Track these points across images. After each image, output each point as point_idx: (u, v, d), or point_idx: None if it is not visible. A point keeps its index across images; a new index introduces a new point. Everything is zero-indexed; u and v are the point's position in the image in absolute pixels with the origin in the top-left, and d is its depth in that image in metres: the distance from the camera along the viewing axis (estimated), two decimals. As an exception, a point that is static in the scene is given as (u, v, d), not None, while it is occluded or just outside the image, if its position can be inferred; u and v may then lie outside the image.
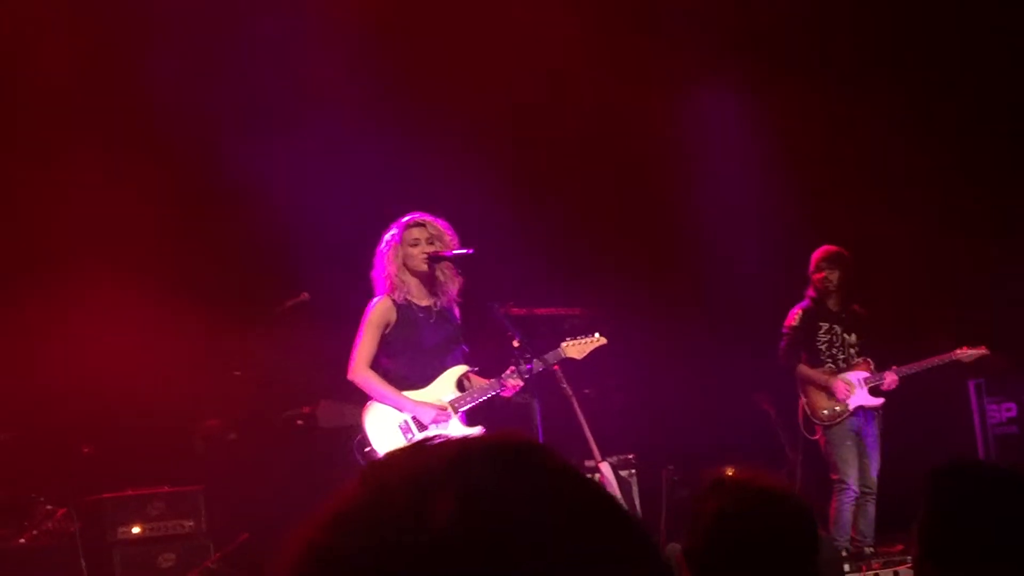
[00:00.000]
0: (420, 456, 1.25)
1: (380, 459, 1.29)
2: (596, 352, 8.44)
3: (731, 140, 12.93)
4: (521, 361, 7.90)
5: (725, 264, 12.62)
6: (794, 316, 10.47)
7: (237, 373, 10.63)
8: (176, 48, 11.09)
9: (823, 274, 10.34)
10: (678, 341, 12.64)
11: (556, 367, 8.57)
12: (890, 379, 10.30)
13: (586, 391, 10.52)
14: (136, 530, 9.63)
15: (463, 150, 11.90)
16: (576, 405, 9.57)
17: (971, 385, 11.97)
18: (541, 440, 7.87)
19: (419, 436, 7.75)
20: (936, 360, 10.43)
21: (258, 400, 10.60)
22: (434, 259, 7.93)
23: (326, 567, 1.21)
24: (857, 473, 10.19)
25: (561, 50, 11.96)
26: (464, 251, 7.95)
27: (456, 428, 7.95)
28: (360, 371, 7.92)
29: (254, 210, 11.23)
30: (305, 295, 9.92)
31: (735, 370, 11.93)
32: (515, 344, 7.99)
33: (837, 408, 10.25)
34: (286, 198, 11.02)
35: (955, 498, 3.21)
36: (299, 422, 10.40)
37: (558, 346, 8.26)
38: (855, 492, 10.13)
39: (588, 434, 9.80)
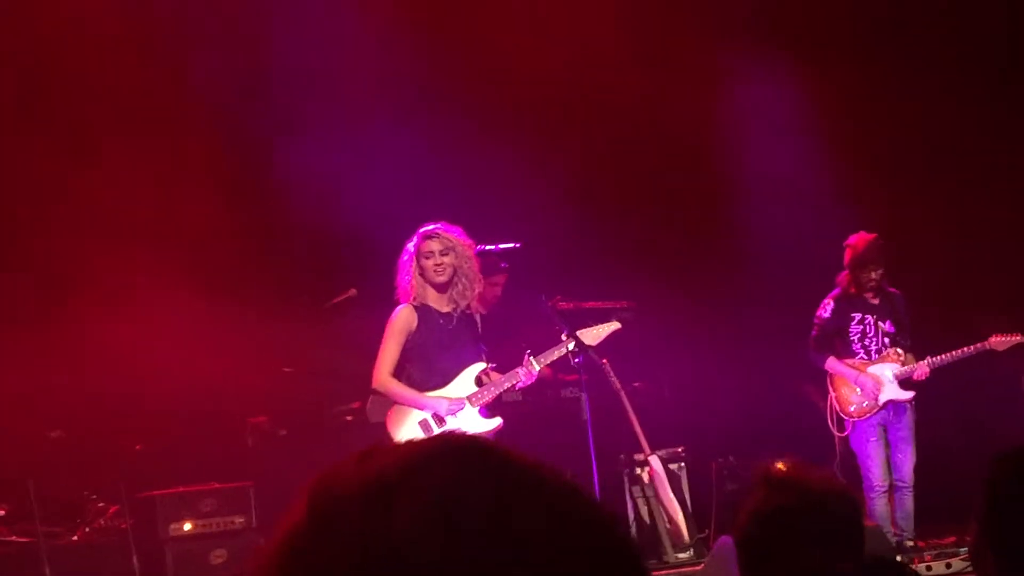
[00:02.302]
0: (368, 465, 1.22)
1: (324, 475, 1.25)
2: (616, 338, 8.53)
3: (775, 127, 12.82)
4: (543, 352, 8.20)
5: (773, 254, 12.53)
6: (825, 307, 10.25)
7: (287, 369, 10.68)
8: (224, 45, 11.14)
9: (870, 273, 10.06)
10: (727, 333, 12.59)
11: (604, 361, 8.61)
12: (921, 370, 10.05)
13: (635, 384, 10.52)
14: (187, 527, 9.67)
15: (511, 145, 11.89)
16: (625, 399, 9.59)
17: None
18: (591, 435, 7.94)
19: (438, 430, 8.07)
20: (970, 350, 10.12)
21: (308, 396, 10.65)
22: (481, 254, 8.10)
23: None
24: (880, 470, 9.98)
25: (602, 40, 11.93)
26: (511, 244, 8.07)
27: (475, 420, 8.23)
28: (382, 379, 8.26)
29: (303, 206, 11.27)
30: (353, 291, 9.94)
31: (784, 361, 11.86)
32: (563, 338, 8.16)
33: (866, 403, 10.09)
34: (335, 193, 11.04)
35: (1019, 486, 3.16)
36: (348, 417, 10.43)
37: (574, 334, 8.34)
38: (881, 487, 9.95)
39: (637, 427, 9.83)
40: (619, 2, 12.12)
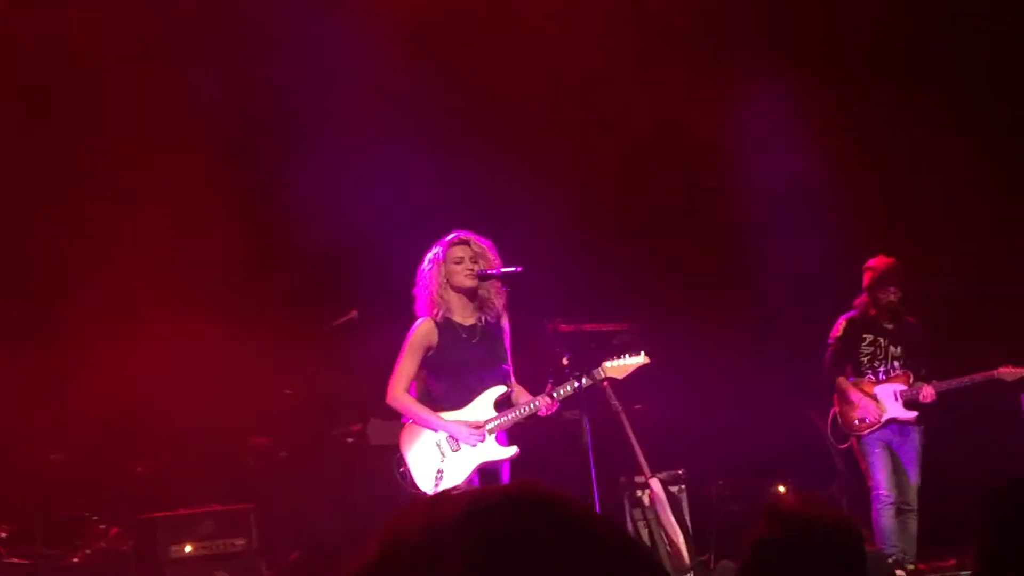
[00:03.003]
0: (434, 510, 1.25)
1: (399, 512, 1.29)
2: (644, 366, 8.40)
3: (779, 150, 12.82)
4: (567, 380, 7.93)
5: (775, 276, 12.55)
6: (839, 327, 10.31)
7: (287, 391, 10.68)
8: (228, 65, 11.18)
9: (888, 295, 10.13)
10: (727, 354, 12.59)
11: (606, 383, 8.54)
12: (926, 392, 10.07)
13: (636, 406, 10.51)
14: (188, 549, 9.65)
15: (511, 166, 11.92)
16: (625, 421, 9.57)
17: (1023, 397, 11.85)
18: (591, 457, 7.90)
19: (452, 455, 7.89)
20: (977, 377, 10.18)
21: (308, 418, 10.65)
22: (482, 277, 7.93)
23: None
24: (888, 481, 10.00)
25: (605, 61, 11.95)
26: (512, 269, 7.94)
27: (491, 448, 7.99)
28: (397, 395, 7.98)
29: (303, 228, 11.29)
30: (354, 313, 9.94)
31: (784, 383, 11.88)
32: (564, 362, 7.99)
33: (868, 419, 10.13)
34: (337, 214, 11.06)
35: (1017, 516, 3.17)
36: (349, 440, 10.43)
37: (599, 365, 8.20)
38: (888, 498, 9.95)
39: (638, 450, 9.81)
40: (621, 24, 12.13)
